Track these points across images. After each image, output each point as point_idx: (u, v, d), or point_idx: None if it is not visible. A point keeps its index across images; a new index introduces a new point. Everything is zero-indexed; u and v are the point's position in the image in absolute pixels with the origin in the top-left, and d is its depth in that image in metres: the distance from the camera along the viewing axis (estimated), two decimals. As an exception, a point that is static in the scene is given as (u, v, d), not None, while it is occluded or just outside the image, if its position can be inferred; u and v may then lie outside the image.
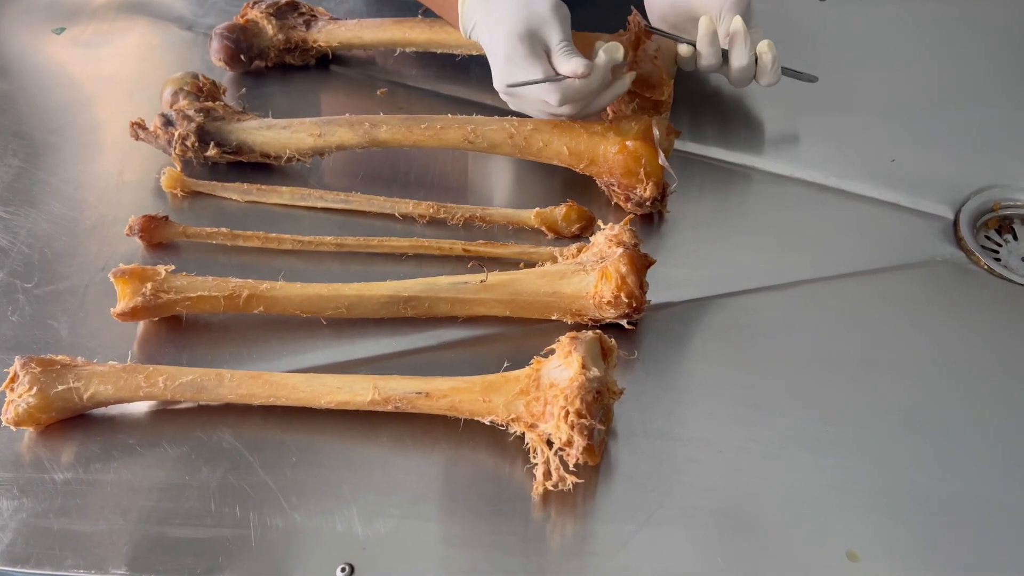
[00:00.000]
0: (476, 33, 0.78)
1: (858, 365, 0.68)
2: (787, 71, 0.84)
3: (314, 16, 0.94)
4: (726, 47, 0.82)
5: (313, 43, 0.92)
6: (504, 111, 0.85)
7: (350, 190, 0.79)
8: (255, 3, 0.93)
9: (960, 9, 1.00)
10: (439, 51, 0.91)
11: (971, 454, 0.63)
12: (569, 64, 0.72)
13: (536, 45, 0.73)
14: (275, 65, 0.93)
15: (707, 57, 0.82)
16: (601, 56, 0.74)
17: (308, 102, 0.91)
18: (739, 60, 0.81)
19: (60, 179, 0.83)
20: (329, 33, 0.92)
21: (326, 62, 0.94)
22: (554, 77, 0.72)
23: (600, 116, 0.80)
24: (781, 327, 0.71)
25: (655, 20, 0.85)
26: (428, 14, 0.89)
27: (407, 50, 0.92)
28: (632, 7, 0.84)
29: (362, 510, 0.60)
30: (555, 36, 0.73)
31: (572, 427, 0.57)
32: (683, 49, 0.83)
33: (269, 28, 0.91)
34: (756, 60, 0.81)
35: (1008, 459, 0.63)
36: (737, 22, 0.80)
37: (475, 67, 0.92)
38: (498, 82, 0.76)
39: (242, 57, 0.91)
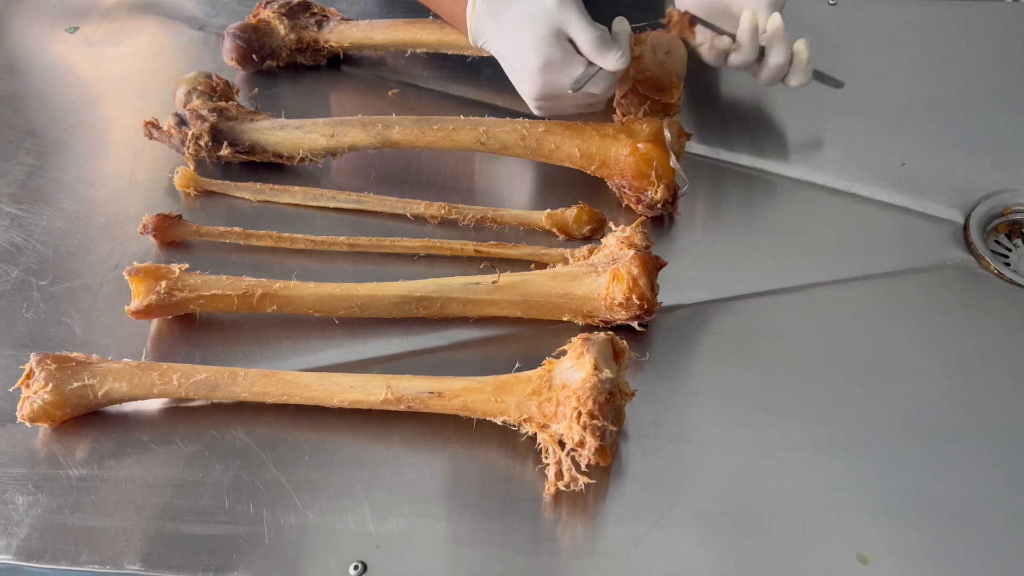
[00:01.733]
0: (490, 46, 0.78)
1: (868, 368, 0.69)
2: (817, 74, 0.84)
3: (325, 16, 0.94)
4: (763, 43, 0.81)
5: (324, 43, 0.93)
6: (515, 112, 0.85)
7: (362, 190, 0.80)
8: (267, 3, 0.93)
9: (971, 13, 1.01)
10: (450, 52, 0.91)
11: (980, 458, 0.63)
12: (610, 58, 0.72)
13: (564, 41, 0.73)
14: (286, 65, 0.94)
15: (747, 52, 0.81)
16: (623, 37, 0.75)
17: (319, 102, 0.91)
18: (777, 58, 0.80)
19: (73, 177, 0.83)
20: (340, 33, 0.93)
21: (337, 62, 0.95)
22: (598, 70, 0.73)
23: (611, 118, 0.80)
24: (791, 330, 0.71)
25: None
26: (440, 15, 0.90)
27: (418, 51, 0.92)
28: (670, 5, 0.84)
29: (374, 508, 0.60)
30: (579, 29, 0.72)
31: (584, 428, 0.58)
32: (724, 42, 0.82)
33: (281, 28, 0.92)
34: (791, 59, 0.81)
35: (1017, 463, 0.63)
36: (776, 19, 0.79)
37: (486, 68, 0.92)
38: (535, 92, 0.75)
39: (254, 57, 0.91)
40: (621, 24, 0.77)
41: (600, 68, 0.73)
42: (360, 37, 0.92)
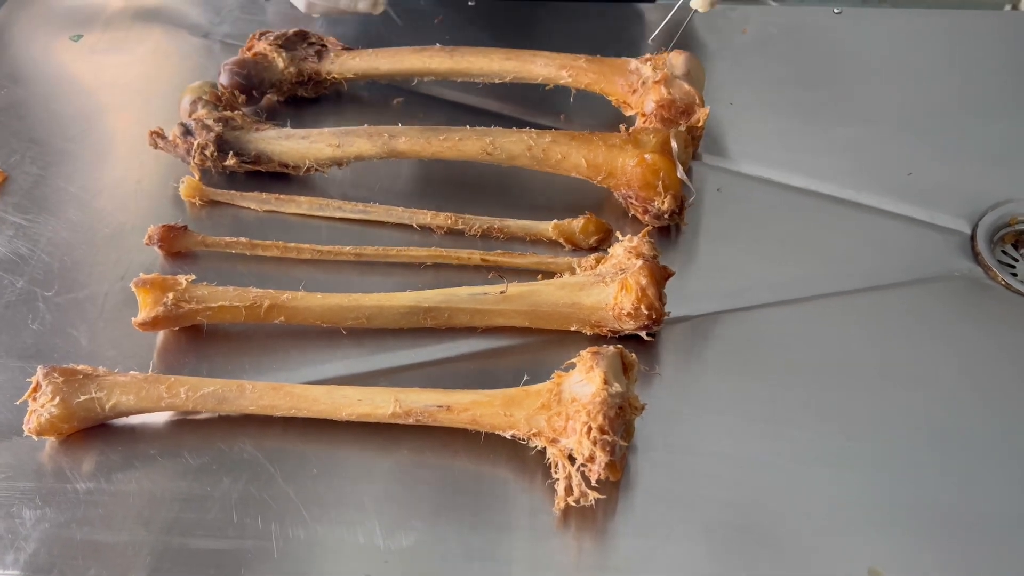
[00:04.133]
0: None
1: (876, 379, 0.68)
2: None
3: (324, 46, 0.90)
4: None
5: (327, 75, 0.89)
6: (521, 122, 0.85)
7: (368, 200, 0.79)
8: (262, 34, 0.89)
9: (976, 22, 1.01)
10: (460, 80, 0.88)
11: (990, 469, 0.63)
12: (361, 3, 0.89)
13: None
14: (288, 99, 0.90)
15: None
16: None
17: (324, 112, 0.91)
18: None
19: (78, 187, 0.83)
20: (343, 64, 0.89)
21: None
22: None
23: (618, 128, 0.80)
24: (798, 340, 0.71)
25: None
26: (447, 43, 0.88)
27: (426, 80, 0.89)
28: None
29: (383, 522, 0.60)
30: None
31: (595, 443, 0.57)
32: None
33: (279, 61, 0.87)
34: None
35: (1027, 475, 0.63)
36: None
37: (492, 77, 0.92)
38: None
39: (254, 93, 0.87)
40: None
41: None
42: (364, 67, 0.88)
